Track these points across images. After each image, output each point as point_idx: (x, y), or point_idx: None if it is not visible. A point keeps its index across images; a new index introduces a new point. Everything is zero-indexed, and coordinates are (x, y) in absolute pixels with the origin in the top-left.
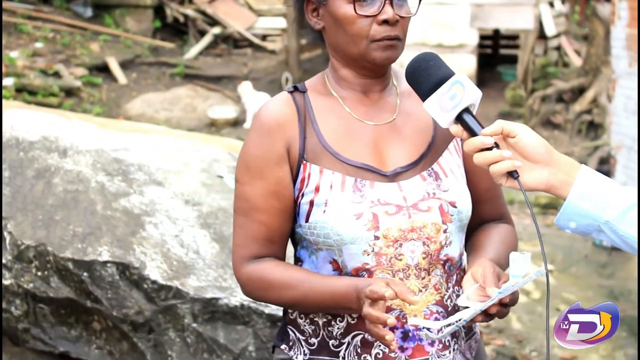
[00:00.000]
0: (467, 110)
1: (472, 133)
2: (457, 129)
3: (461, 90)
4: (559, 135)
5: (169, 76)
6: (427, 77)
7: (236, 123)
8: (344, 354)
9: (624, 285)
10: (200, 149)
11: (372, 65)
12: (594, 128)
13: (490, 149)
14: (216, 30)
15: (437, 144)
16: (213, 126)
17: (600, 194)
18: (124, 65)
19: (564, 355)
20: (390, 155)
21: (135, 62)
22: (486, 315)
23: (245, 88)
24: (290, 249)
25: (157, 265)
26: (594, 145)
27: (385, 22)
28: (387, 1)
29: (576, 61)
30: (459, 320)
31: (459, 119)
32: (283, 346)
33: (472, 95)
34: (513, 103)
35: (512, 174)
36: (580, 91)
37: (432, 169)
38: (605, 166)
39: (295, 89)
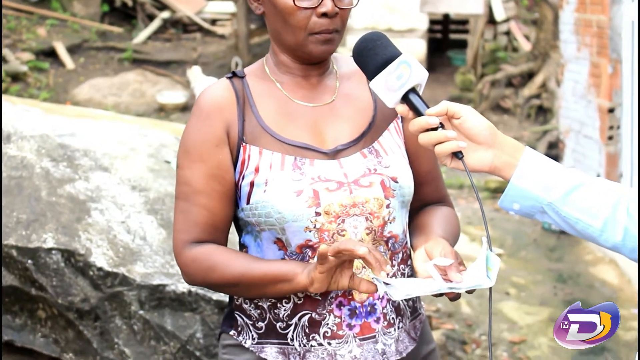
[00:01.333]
0: (413, 90)
1: (418, 113)
2: (402, 108)
3: (408, 70)
4: (509, 119)
5: (117, 61)
6: (373, 56)
7: (185, 108)
8: (292, 336)
9: (572, 268)
10: (147, 134)
11: (309, 57)
12: (543, 112)
13: (435, 129)
14: (165, 14)
15: (377, 123)
16: (162, 111)
17: (543, 176)
18: (72, 50)
19: (513, 339)
20: (330, 134)
21: (83, 46)
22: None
23: (195, 73)
24: (233, 241)
25: (103, 252)
26: (542, 130)
27: (325, 14)
28: None
29: (525, 46)
30: (421, 288)
31: (405, 99)
32: (232, 332)
33: (418, 75)
34: (463, 88)
35: (457, 155)
36: (529, 76)
37: (372, 146)
38: (554, 150)
39: (234, 74)
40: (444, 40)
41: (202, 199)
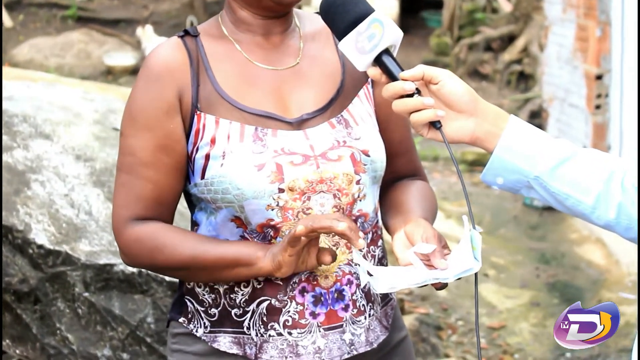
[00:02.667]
0: (387, 52)
1: (392, 77)
2: (375, 72)
3: (380, 30)
4: (487, 86)
5: (60, 19)
6: (343, 14)
7: (135, 71)
8: (249, 324)
9: (556, 248)
10: (94, 99)
11: (276, 4)
12: (525, 79)
13: (411, 95)
14: None
15: (346, 89)
16: (109, 74)
17: (529, 147)
18: (10, 7)
19: (492, 325)
20: (294, 101)
21: (23, 3)
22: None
23: (146, 33)
24: (187, 216)
25: (44, 227)
26: (524, 98)
27: None
28: None
29: (506, 7)
30: (405, 280)
31: (378, 61)
32: (181, 319)
33: (392, 35)
34: (438, 51)
35: (435, 124)
36: (510, 39)
37: (341, 116)
38: (536, 120)
39: (187, 33)
40: None
41: (148, 171)
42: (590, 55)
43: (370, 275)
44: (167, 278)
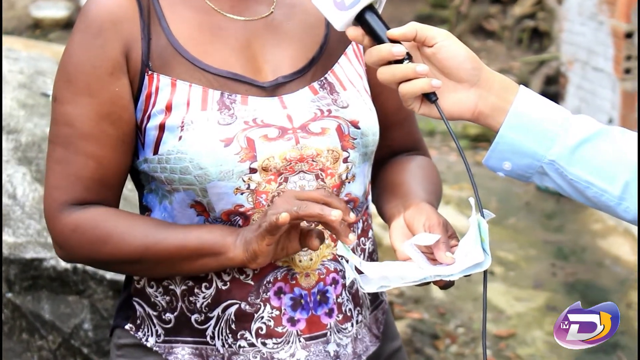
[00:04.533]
0: (370, 7)
1: (377, 39)
2: (355, 32)
3: None
4: (494, 46)
5: None
6: None
7: (68, 25)
8: (213, 332)
9: (575, 241)
10: (18, 58)
11: None
12: (539, 37)
13: (400, 61)
14: None
15: (330, 46)
16: (38, 28)
17: (543, 125)
18: None
19: (500, 333)
20: (268, 61)
21: None
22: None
23: None
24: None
25: None
26: (538, 60)
27: None
28: None
29: None
30: (402, 277)
31: (359, 19)
32: (128, 326)
33: None
34: (435, 4)
35: (429, 97)
36: None
37: (325, 79)
38: (553, 87)
39: None
40: None
41: (89, 145)
42: (618, 9)
43: (360, 272)
44: (109, 275)
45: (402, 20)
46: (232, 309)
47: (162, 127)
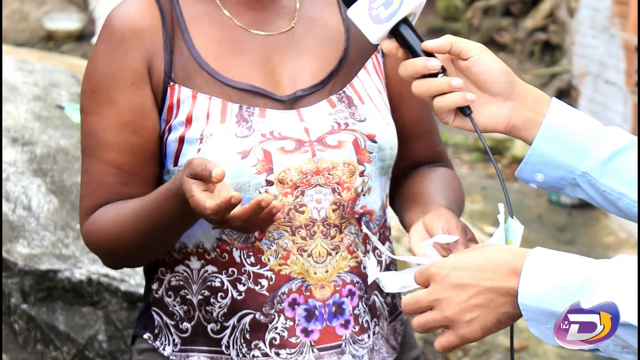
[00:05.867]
0: (404, 21)
1: (412, 52)
2: (390, 45)
3: None
4: (506, 58)
5: None
6: None
7: (81, 37)
8: (228, 342)
9: (588, 253)
10: (33, 70)
11: None
12: (551, 50)
13: (435, 75)
14: None
15: (350, 60)
16: (50, 40)
17: (576, 137)
18: None
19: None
20: (287, 74)
21: None
22: None
23: None
24: None
25: None
26: (550, 73)
27: None
28: None
29: None
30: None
31: (394, 32)
32: (146, 335)
33: (413, 1)
34: (447, 16)
35: (464, 110)
36: (533, 2)
37: (343, 92)
38: (565, 99)
39: None
40: None
41: (109, 153)
42: (630, 22)
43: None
44: (123, 287)
45: None
46: (247, 319)
47: (182, 140)
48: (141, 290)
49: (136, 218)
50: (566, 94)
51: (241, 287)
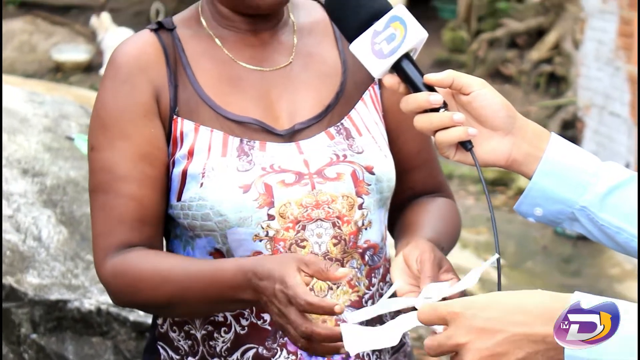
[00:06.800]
0: (406, 55)
1: (413, 86)
2: (392, 80)
3: (402, 30)
4: (511, 90)
5: None
6: (355, 9)
7: (89, 68)
8: None
9: (592, 285)
10: (43, 102)
11: (255, 10)
12: (556, 82)
13: (437, 109)
14: None
15: (347, 93)
16: (59, 71)
17: (575, 172)
18: None
19: None
20: (285, 108)
21: None
22: None
23: (102, 22)
24: None
25: None
26: (555, 105)
27: None
28: None
29: None
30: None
31: (396, 67)
32: None
33: (415, 36)
34: (452, 48)
35: (465, 145)
36: (538, 34)
37: (341, 124)
38: (570, 131)
39: (160, 25)
40: None
41: (129, 186)
42: (634, 55)
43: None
44: (132, 317)
45: (420, 64)
46: (250, 353)
47: (184, 174)
48: (149, 321)
49: (184, 279)
50: (571, 126)
51: (244, 322)
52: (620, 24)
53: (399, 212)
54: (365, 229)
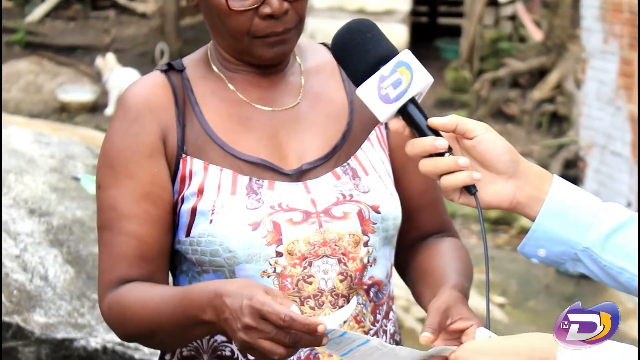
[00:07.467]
0: (411, 100)
1: (418, 130)
2: (398, 124)
3: (408, 75)
4: (514, 129)
5: (5, 45)
6: (362, 54)
7: (94, 108)
8: None
9: None
10: (49, 142)
11: (259, 62)
12: (558, 121)
13: (442, 154)
14: None
15: (354, 133)
16: (64, 112)
17: (577, 213)
18: None
19: None
20: (293, 149)
21: None
22: None
23: (107, 62)
24: None
25: None
26: (557, 144)
27: (270, 16)
28: None
29: (536, 35)
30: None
31: (401, 111)
32: None
33: (421, 82)
34: (455, 88)
35: (469, 189)
36: (540, 74)
37: (347, 164)
38: (572, 170)
39: (170, 67)
40: (432, 25)
41: (130, 224)
42: (635, 94)
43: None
44: (137, 355)
45: (423, 104)
46: None
47: (194, 211)
48: (155, 359)
49: (160, 307)
50: (573, 165)
51: (251, 356)
52: (621, 64)
53: (408, 254)
54: (371, 265)
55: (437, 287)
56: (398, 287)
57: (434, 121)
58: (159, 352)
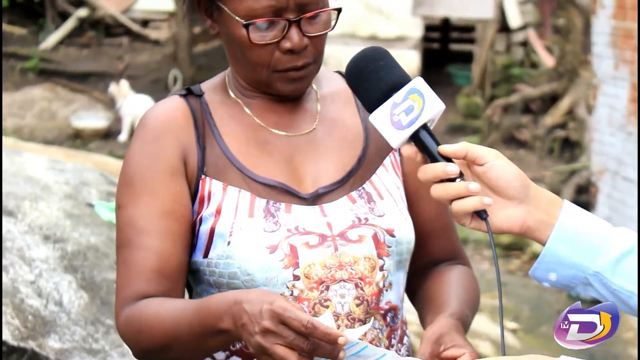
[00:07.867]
0: (424, 126)
1: (430, 156)
2: (410, 150)
3: (420, 102)
4: (526, 155)
5: (19, 72)
6: (375, 81)
7: (108, 135)
8: None
9: (607, 349)
10: (63, 169)
11: (277, 93)
12: (570, 147)
13: (453, 179)
14: (82, 12)
15: (369, 158)
16: (78, 138)
17: (588, 238)
18: None
19: None
20: (309, 173)
21: None
22: None
23: (121, 89)
24: None
25: (7, 320)
26: (569, 169)
27: (290, 50)
28: (292, 24)
29: (547, 61)
30: None
31: (414, 137)
32: None
33: (433, 108)
34: (467, 113)
35: (480, 214)
36: (552, 100)
37: (363, 188)
38: (583, 196)
39: (189, 92)
40: (443, 51)
41: (149, 239)
42: None
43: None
44: None
45: (435, 129)
46: None
47: (212, 232)
48: None
49: (177, 318)
50: (585, 191)
51: None
52: (632, 90)
53: (419, 280)
54: (386, 290)
55: (438, 314)
56: (410, 312)
57: (445, 149)
58: None
